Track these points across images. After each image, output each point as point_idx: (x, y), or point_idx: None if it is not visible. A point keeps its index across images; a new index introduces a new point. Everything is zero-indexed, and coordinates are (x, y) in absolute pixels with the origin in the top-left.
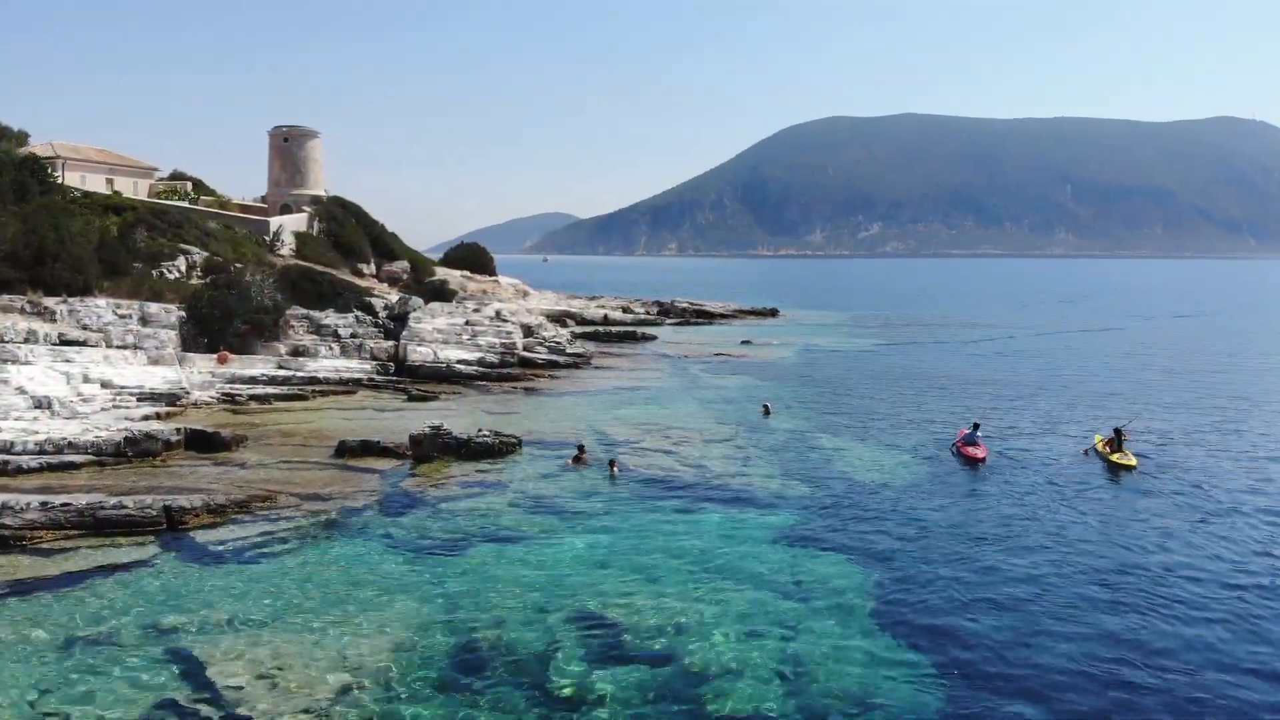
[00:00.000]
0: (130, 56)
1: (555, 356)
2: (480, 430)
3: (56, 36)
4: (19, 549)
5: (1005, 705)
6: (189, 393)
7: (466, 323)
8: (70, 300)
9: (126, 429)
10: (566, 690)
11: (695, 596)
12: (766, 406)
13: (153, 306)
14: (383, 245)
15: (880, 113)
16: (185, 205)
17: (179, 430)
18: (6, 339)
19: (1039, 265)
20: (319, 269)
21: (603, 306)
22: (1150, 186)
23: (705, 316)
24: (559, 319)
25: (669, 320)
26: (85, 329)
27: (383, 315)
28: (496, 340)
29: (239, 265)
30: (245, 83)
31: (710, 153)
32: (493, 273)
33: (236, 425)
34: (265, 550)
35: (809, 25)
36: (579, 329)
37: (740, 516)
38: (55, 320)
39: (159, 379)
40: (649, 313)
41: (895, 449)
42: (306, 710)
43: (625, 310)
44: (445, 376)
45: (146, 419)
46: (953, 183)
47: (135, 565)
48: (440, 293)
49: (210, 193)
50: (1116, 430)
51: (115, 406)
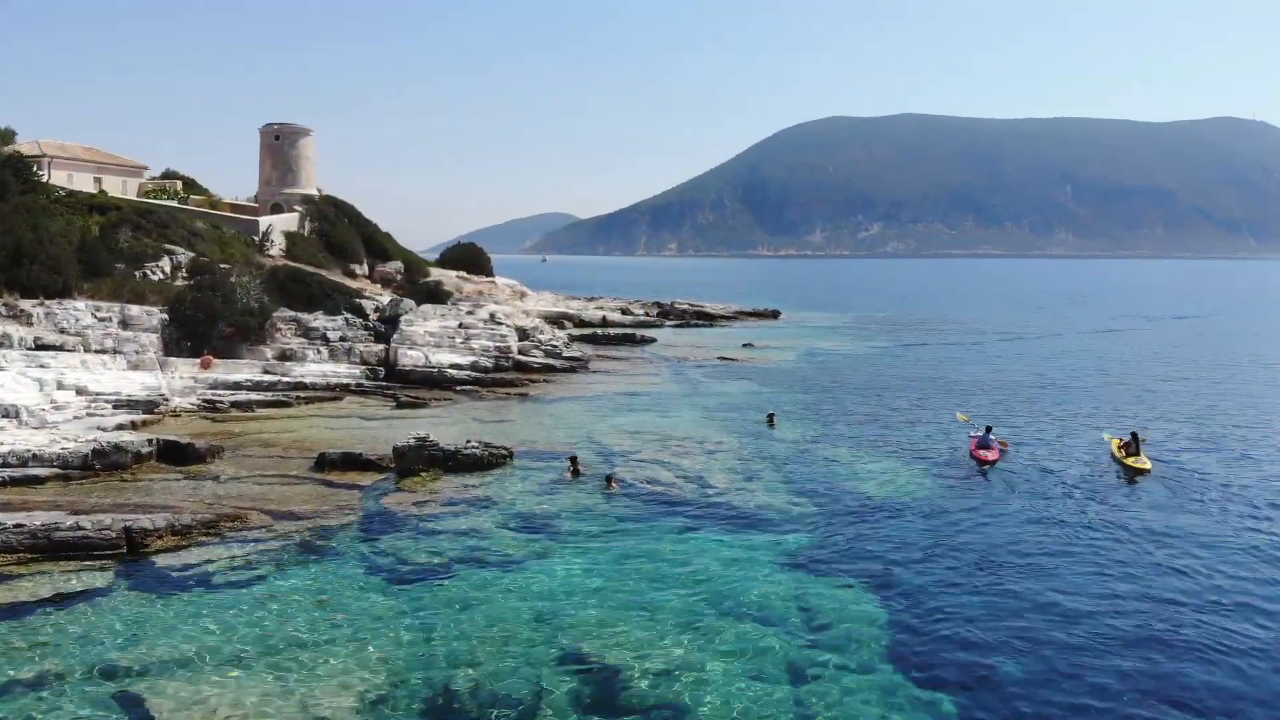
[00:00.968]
0: (129, 56)
1: (551, 360)
2: (469, 441)
3: (55, 36)
4: None
5: None
6: (168, 399)
7: (460, 325)
8: (48, 303)
9: (95, 440)
10: None
11: (698, 633)
12: (771, 415)
13: (134, 309)
14: (376, 245)
15: (880, 113)
16: (172, 204)
17: (151, 441)
18: None
19: (1040, 265)
20: (309, 270)
21: (601, 308)
22: (1150, 187)
23: (706, 318)
24: (557, 321)
25: (669, 322)
26: (63, 332)
27: (373, 318)
28: (491, 344)
29: (226, 266)
30: (244, 82)
31: (710, 153)
32: (490, 273)
33: (215, 435)
34: (230, 578)
35: (809, 25)
36: (577, 331)
37: (745, 539)
38: (32, 324)
39: (137, 385)
40: (648, 314)
41: (906, 460)
42: None
43: (624, 312)
44: (437, 381)
45: (121, 428)
46: (953, 183)
47: (89, 595)
48: (435, 294)
49: (201, 191)
50: (1134, 434)
51: (89, 415)
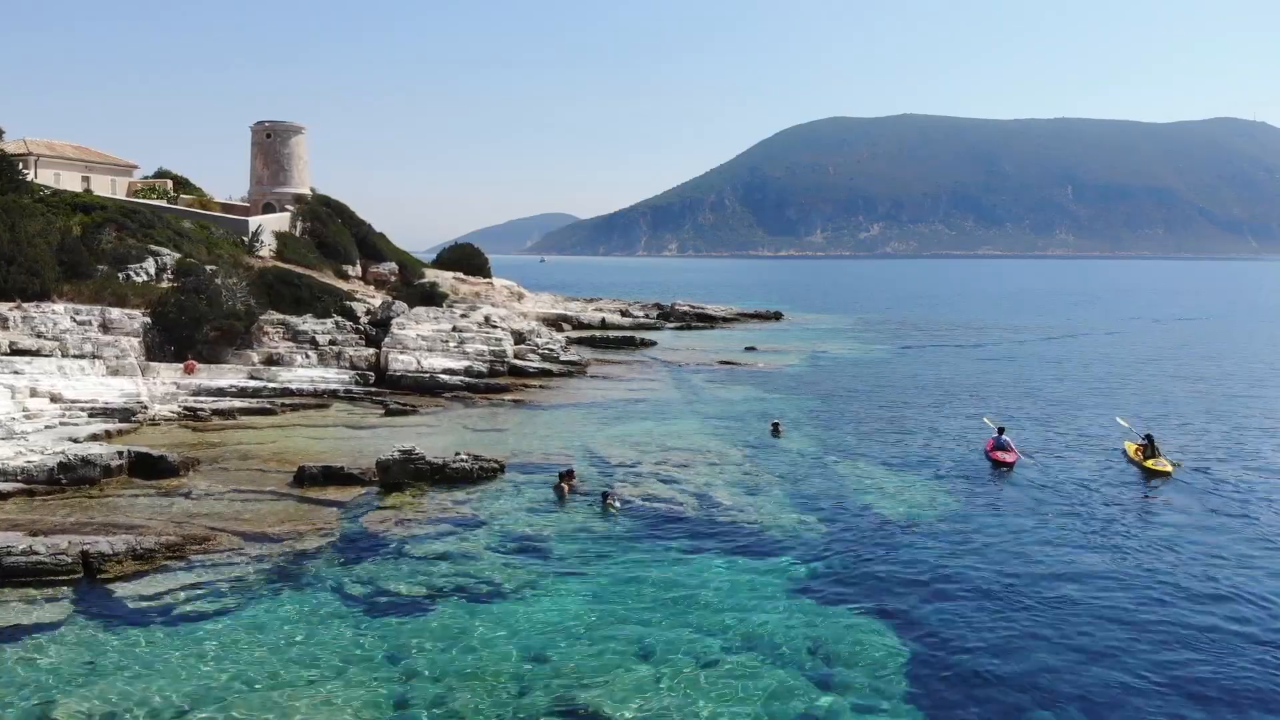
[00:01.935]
0: (128, 55)
1: (548, 365)
2: (458, 454)
3: (53, 36)
4: None
5: None
6: (147, 407)
7: (453, 329)
8: (25, 306)
9: (62, 453)
10: None
11: (700, 675)
12: (776, 425)
13: (115, 312)
14: (370, 246)
15: (881, 113)
16: (160, 204)
17: (121, 454)
18: None
19: (1041, 266)
20: (299, 271)
21: (600, 309)
22: (1151, 187)
23: (707, 320)
24: (555, 323)
25: (669, 324)
26: (40, 337)
27: (364, 320)
28: (485, 348)
29: (213, 267)
30: (243, 80)
31: (711, 153)
32: (487, 274)
33: (193, 446)
34: (192, 609)
35: (809, 25)
36: (575, 334)
37: (751, 564)
38: (7, 328)
39: (115, 392)
40: (648, 316)
41: (918, 471)
42: None
43: (624, 313)
44: (428, 387)
45: (95, 438)
46: (953, 183)
47: (38, 628)
48: (430, 296)
49: (194, 191)
50: (1148, 436)
51: (62, 424)
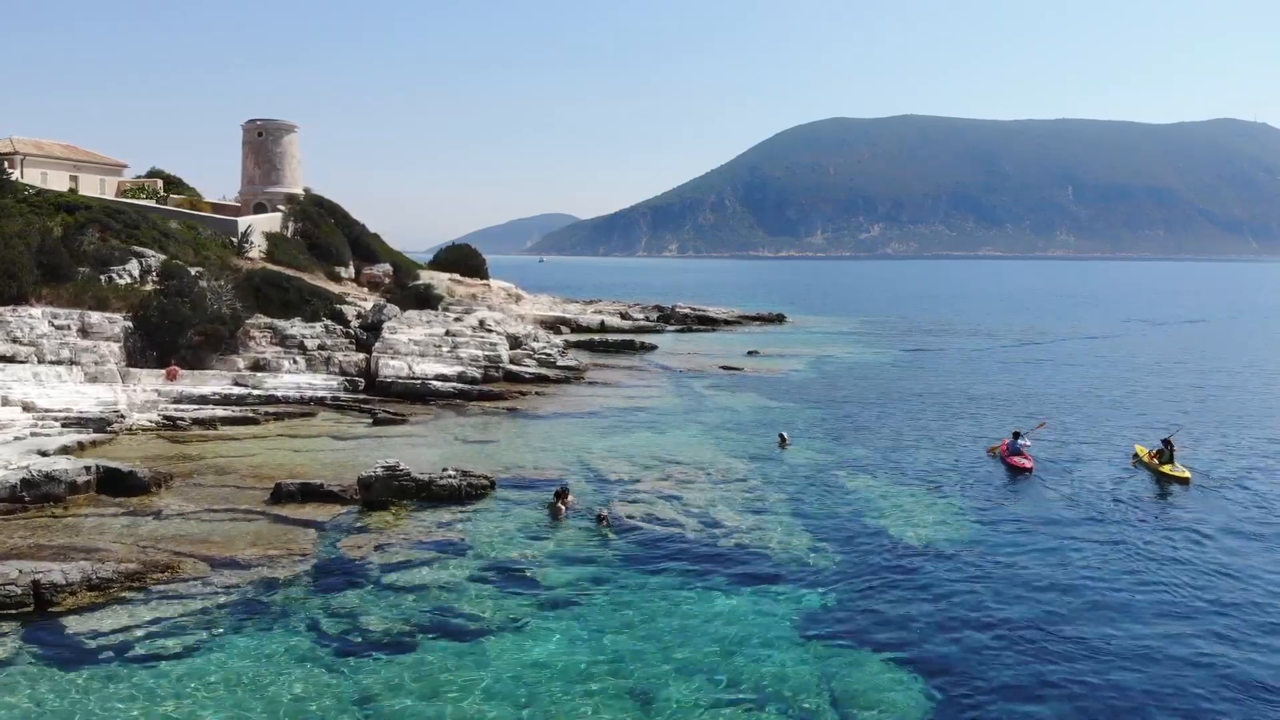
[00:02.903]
0: (129, 55)
1: (545, 370)
2: (445, 470)
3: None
4: None
5: None
6: (124, 416)
7: (447, 333)
8: (1, 310)
9: (26, 468)
10: None
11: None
12: (783, 436)
13: (94, 316)
14: (363, 247)
15: (881, 113)
16: (148, 204)
17: (89, 469)
18: None
19: (1041, 267)
20: (289, 273)
21: (600, 311)
22: (1152, 188)
23: (708, 323)
24: (552, 325)
25: (670, 327)
26: (15, 342)
27: (355, 324)
28: (479, 353)
29: (200, 269)
30: (244, 80)
31: (711, 153)
32: (485, 276)
33: (169, 458)
34: (150, 647)
35: (810, 26)
36: (573, 337)
37: (758, 597)
38: None
39: (91, 400)
40: (648, 318)
41: (933, 487)
42: None
43: (623, 316)
44: (419, 394)
45: (67, 450)
46: (953, 184)
47: None
48: (425, 298)
49: (187, 191)
50: (1165, 441)
51: (33, 434)
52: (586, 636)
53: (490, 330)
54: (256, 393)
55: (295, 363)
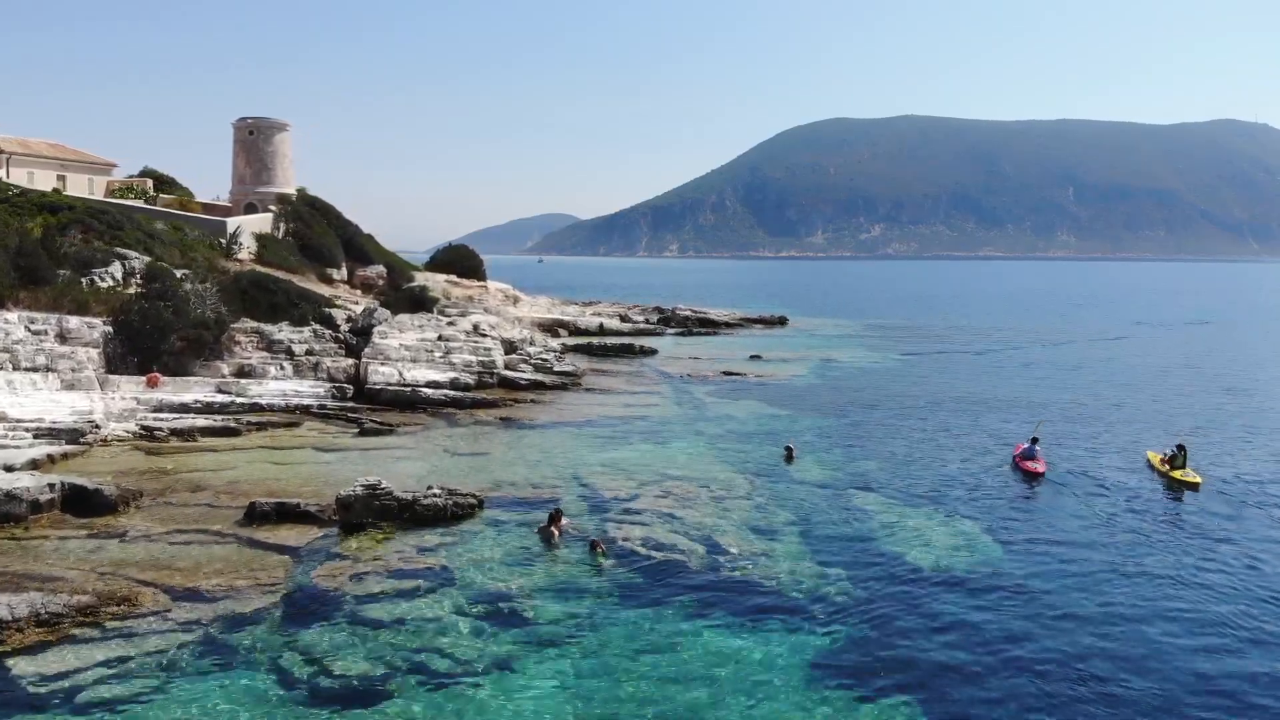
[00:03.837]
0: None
1: (541, 376)
2: (430, 488)
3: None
4: None
5: None
6: (99, 426)
7: (439, 338)
8: None
9: None
10: None
11: None
12: (789, 449)
13: (73, 320)
14: (357, 248)
15: (882, 114)
16: (135, 204)
17: (54, 486)
18: None
19: (1042, 267)
20: (278, 275)
21: (599, 314)
22: (1152, 188)
23: (709, 326)
24: (550, 328)
25: (670, 330)
26: None
27: (345, 329)
28: (473, 358)
29: (186, 271)
30: (244, 80)
31: (711, 153)
32: (482, 277)
33: (142, 473)
34: (100, 693)
35: (810, 26)
36: (571, 340)
37: (764, 634)
38: None
39: (66, 409)
40: (648, 321)
41: (947, 507)
42: None
43: (623, 318)
44: (409, 402)
45: (36, 464)
46: (954, 184)
47: None
48: (419, 300)
49: (179, 190)
50: (1180, 446)
51: (2, 447)
52: (578, 682)
53: (484, 335)
54: (240, 401)
55: (282, 369)
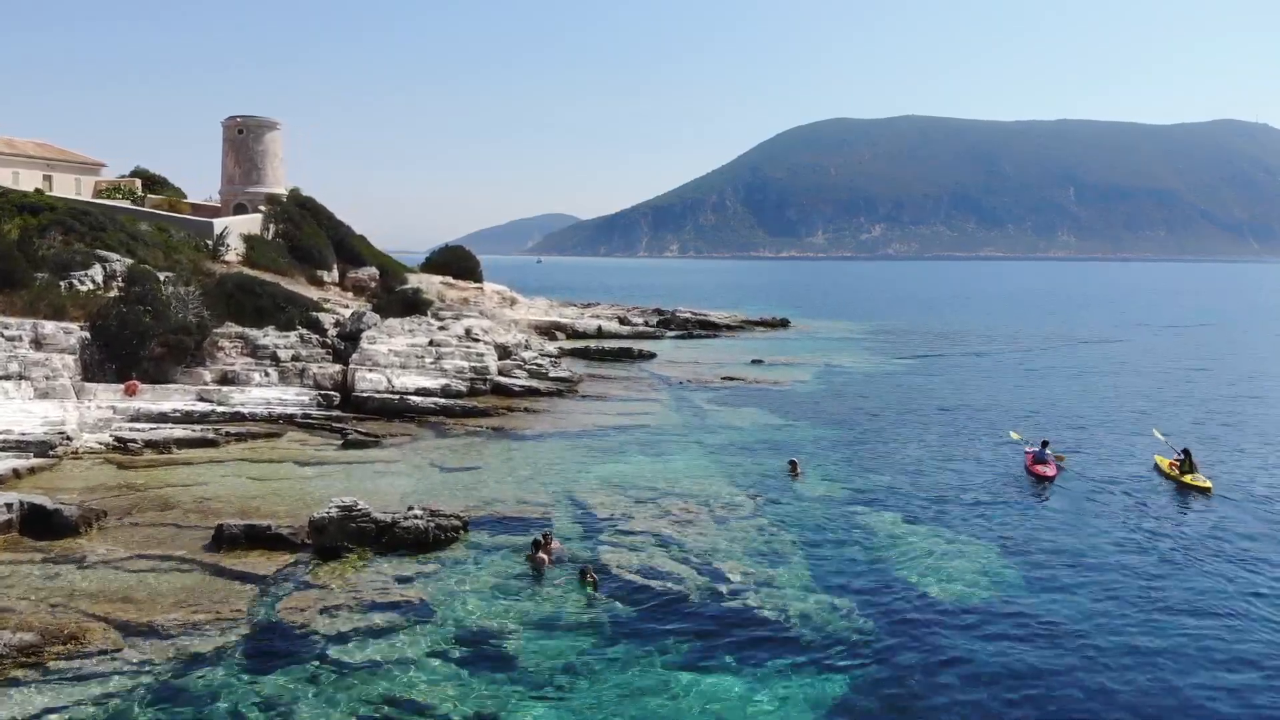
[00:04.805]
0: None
1: (536, 383)
2: (411, 509)
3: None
4: None
5: None
6: (71, 438)
7: (430, 343)
8: None
9: None
10: None
11: None
12: (794, 464)
13: (49, 326)
14: (348, 249)
15: (882, 114)
16: (120, 205)
17: (10, 506)
18: None
19: (1043, 267)
20: (265, 277)
21: (597, 316)
22: (1153, 188)
23: (710, 328)
24: (547, 331)
25: (670, 332)
26: None
27: (332, 333)
28: (465, 364)
29: (170, 274)
30: (244, 80)
31: (712, 154)
32: (479, 278)
33: (111, 489)
34: None
35: (809, 25)
36: (568, 344)
37: (770, 679)
38: None
39: (37, 420)
40: (648, 323)
41: (964, 527)
42: None
43: (622, 321)
44: (398, 410)
45: (1, 480)
46: (954, 184)
47: None
48: (413, 303)
49: (166, 190)
50: (1186, 451)
51: None
52: None
53: (477, 340)
54: (221, 409)
55: (267, 375)
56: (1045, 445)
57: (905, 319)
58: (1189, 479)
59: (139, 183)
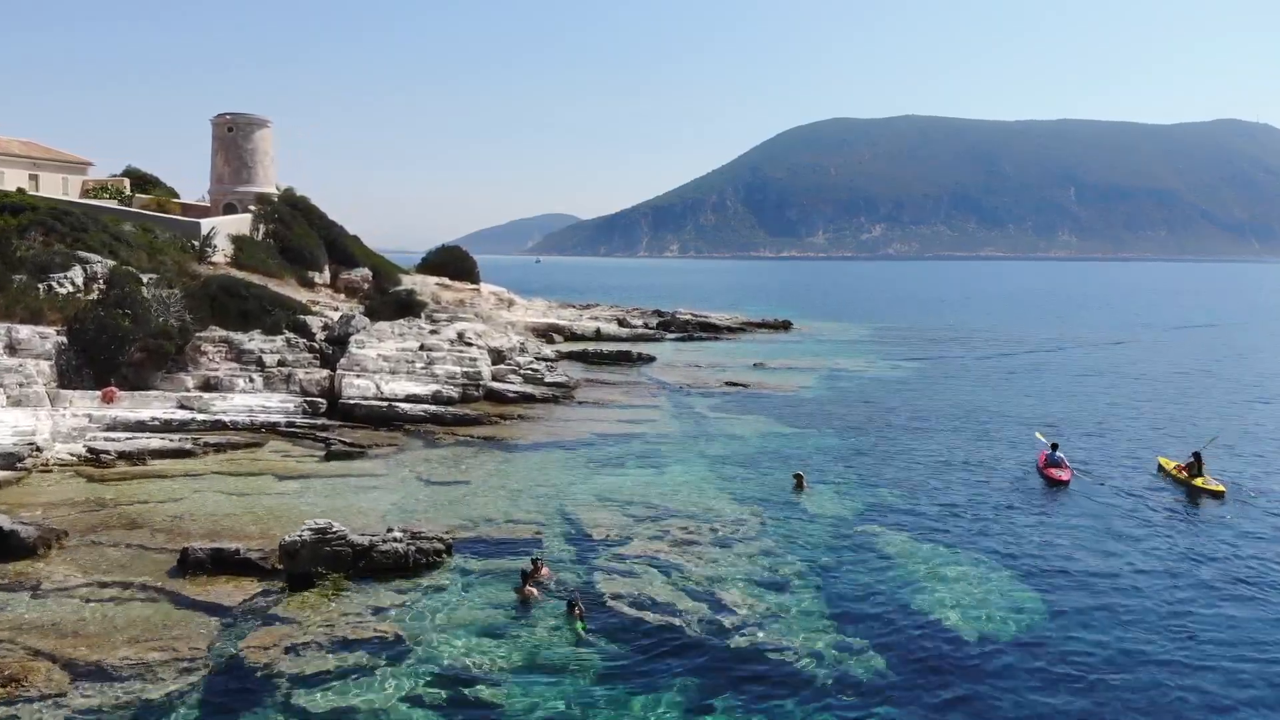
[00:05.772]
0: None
1: (530, 388)
2: (390, 530)
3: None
4: None
5: None
6: (41, 449)
7: (421, 347)
8: None
9: None
10: None
11: None
12: (799, 478)
13: (24, 330)
14: (341, 250)
15: (882, 114)
16: (106, 205)
17: None
18: None
19: (1043, 268)
20: (252, 279)
21: (596, 318)
22: (1154, 188)
23: (710, 330)
24: (545, 333)
25: (670, 335)
26: None
27: (320, 337)
28: (457, 369)
29: (153, 276)
30: (244, 80)
31: (712, 154)
32: (475, 279)
33: (79, 504)
34: None
35: (809, 25)
36: (566, 346)
37: None
38: None
39: (6, 429)
40: (647, 325)
41: (978, 543)
42: None
43: (621, 323)
44: (386, 418)
45: None
46: (955, 184)
47: None
48: (407, 305)
49: (156, 190)
50: (1196, 454)
51: None
52: None
53: (470, 344)
54: (202, 418)
55: (251, 381)
56: (1055, 448)
57: (907, 320)
58: (1200, 482)
59: (127, 182)
